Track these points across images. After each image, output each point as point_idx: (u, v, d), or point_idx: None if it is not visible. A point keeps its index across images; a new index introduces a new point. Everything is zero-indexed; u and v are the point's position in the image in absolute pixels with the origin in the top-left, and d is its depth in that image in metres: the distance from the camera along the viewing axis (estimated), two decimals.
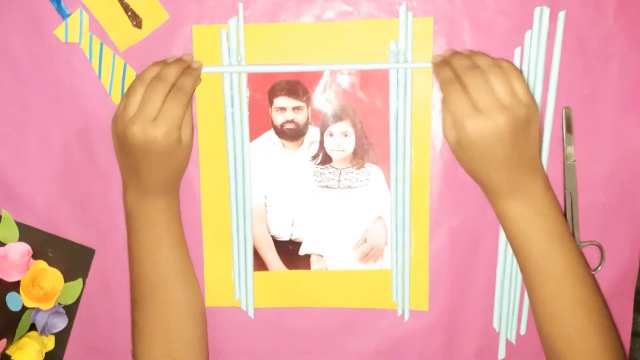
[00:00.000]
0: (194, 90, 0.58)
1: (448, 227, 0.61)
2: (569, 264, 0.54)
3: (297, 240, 0.62)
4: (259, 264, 0.63)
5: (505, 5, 0.58)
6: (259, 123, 0.60)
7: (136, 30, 0.59)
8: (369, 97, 0.59)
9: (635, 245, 0.61)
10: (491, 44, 0.58)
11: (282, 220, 0.62)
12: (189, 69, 0.57)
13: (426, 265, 0.62)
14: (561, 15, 0.57)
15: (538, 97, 0.58)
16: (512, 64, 0.53)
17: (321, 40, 0.59)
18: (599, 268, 0.61)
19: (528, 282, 0.56)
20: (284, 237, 0.62)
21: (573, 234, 0.60)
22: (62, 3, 0.59)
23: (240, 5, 0.58)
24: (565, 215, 0.60)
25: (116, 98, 0.60)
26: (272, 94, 0.60)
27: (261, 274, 0.63)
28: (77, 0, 0.59)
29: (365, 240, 0.62)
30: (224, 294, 0.63)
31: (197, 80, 0.57)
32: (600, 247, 0.61)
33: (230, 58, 0.59)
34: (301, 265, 0.63)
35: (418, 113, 0.59)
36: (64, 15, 0.59)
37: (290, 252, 0.62)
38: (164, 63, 0.56)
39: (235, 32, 0.59)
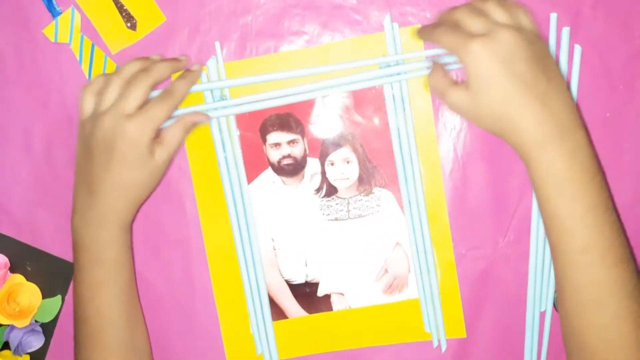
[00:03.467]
0: (184, 98, 0.52)
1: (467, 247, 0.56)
2: (613, 236, 0.46)
3: (314, 281, 0.58)
4: (277, 312, 0.58)
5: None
6: (254, 163, 0.57)
7: (130, 32, 0.56)
8: (365, 118, 0.56)
9: None
10: None
11: (295, 262, 0.58)
12: (186, 71, 0.53)
13: (456, 287, 0.57)
14: (565, 31, 0.54)
15: None
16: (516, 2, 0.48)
17: (307, 67, 0.55)
18: None
19: (563, 258, 0.47)
20: (299, 280, 0.58)
21: None
22: (53, 0, 0.56)
23: (217, 43, 0.56)
24: None
25: None
26: (264, 130, 0.56)
27: (281, 323, 0.58)
28: None
29: (386, 271, 0.57)
30: (245, 349, 0.59)
31: (191, 85, 0.52)
32: None
33: (214, 100, 0.55)
34: (322, 308, 0.58)
35: (421, 126, 0.55)
36: (54, 13, 0.56)
37: (308, 295, 0.58)
38: (149, 60, 0.52)
39: (216, 71, 0.56)
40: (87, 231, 0.51)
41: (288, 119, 0.56)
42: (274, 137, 0.56)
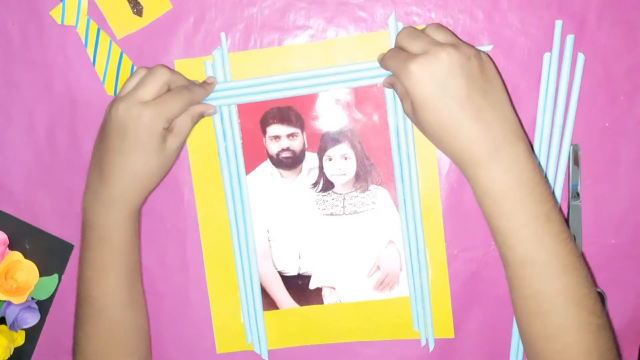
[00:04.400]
0: (198, 101, 0.54)
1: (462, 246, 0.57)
2: (557, 247, 0.45)
3: (306, 274, 0.58)
4: (269, 303, 0.59)
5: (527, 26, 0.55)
6: (253, 154, 0.57)
7: (136, 18, 0.56)
8: (365, 115, 0.56)
9: None
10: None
11: (288, 254, 0.58)
12: (204, 82, 0.55)
13: (447, 288, 0.57)
14: (569, 39, 0.54)
15: (557, 130, 0.55)
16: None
17: (310, 62, 0.56)
18: None
19: (508, 270, 0.47)
20: (291, 272, 0.59)
21: None
22: None
23: (223, 34, 0.56)
24: None
25: (109, 87, 0.57)
26: (264, 122, 0.57)
27: (272, 313, 0.59)
28: None
29: (378, 268, 0.58)
30: (235, 338, 0.60)
31: (207, 94, 0.54)
32: (604, 296, 0.56)
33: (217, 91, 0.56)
34: (313, 300, 0.59)
35: None
36: None
37: (300, 287, 0.59)
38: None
39: (221, 62, 0.56)
40: (97, 211, 0.52)
41: (289, 113, 0.56)
42: (274, 129, 0.57)
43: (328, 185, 0.57)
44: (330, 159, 0.57)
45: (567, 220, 0.55)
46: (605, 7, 0.54)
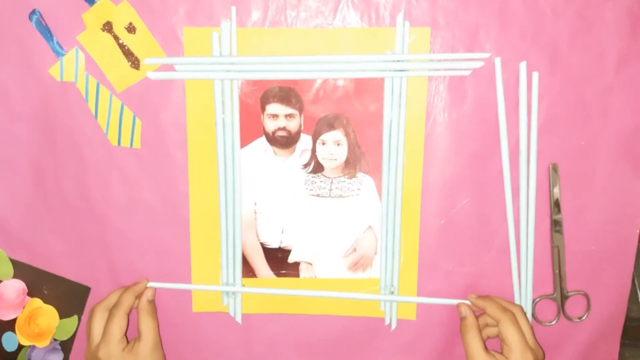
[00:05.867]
0: (130, 306, 0.59)
1: (437, 228, 0.61)
2: None
3: (287, 248, 0.62)
4: (248, 270, 0.62)
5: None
6: (250, 129, 0.59)
7: (133, 71, 0.57)
8: (363, 106, 0.59)
9: (622, 292, 0.62)
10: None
11: (272, 227, 0.61)
12: (133, 285, 0.61)
13: (415, 274, 0.62)
14: (497, 61, 0.57)
15: (533, 149, 0.59)
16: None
17: (316, 47, 0.57)
18: (584, 316, 0.62)
19: None
20: (273, 244, 0.62)
21: (560, 285, 0.61)
22: (57, 42, 0.57)
23: (234, 9, 0.57)
24: (553, 268, 0.61)
25: (113, 138, 0.59)
26: (265, 100, 0.59)
27: (250, 280, 0.62)
28: (73, 39, 0.57)
29: (355, 250, 0.62)
30: (212, 299, 0.63)
31: (135, 294, 0.60)
32: (587, 297, 0.62)
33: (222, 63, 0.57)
34: (290, 273, 0.62)
35: (412, 124, 0.59)
36: (58, 54, 0.57)
37: (280, 260, 0.62)
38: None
39: (228, 36, 0.57)
40: None
41: (289, 93, 0.58)
42: (273, 108, 0.59)
43: (318, 168, 0.60)
44: (323, 143, 0.59)
45: (550, 232, 0.60)
46: (576, 34, 0.57)
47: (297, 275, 0.62)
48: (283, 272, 0.62)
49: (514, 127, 0.59)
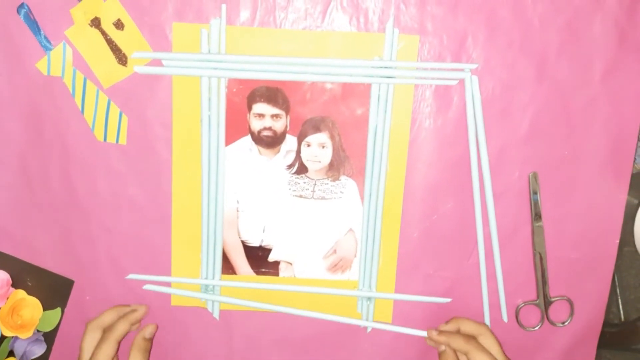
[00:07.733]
0: (123, 334, 0.60)
1: (418, 232, 0.62)
2: None
3: (267, 247, 0.62)
4: (227, 267, 0.63)
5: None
6: (236, 128, 0.59)
7: (121, 67, 0.57)
8: (349, 109, 0.59)
9: (601, 298, 0.63)
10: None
11: (254, 226, 0.62)
12: (130, 312, 0.61)
13: (393, 278, 0.63)
14: (474, 79, 0.58)
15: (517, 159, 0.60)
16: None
17: (304, 49, 0.58)
18: (568, 321, 0.63)
19: None
20: (254, 242, 0.62)
21: (543, 291, 0.62)
22: (45, 36, 0.56)
23: (224, 7, 0.57)
24: (535, 274, 0.62)
25: (99, 134, 0.59)
26: (251, 99, 0.59)
27: (229, 277, 0.63)
28: (61, 34, 0.57)
29: (335, 251, 0.62)
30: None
31: (130, 323, 0.60)
32: (570, 302, 0.63)
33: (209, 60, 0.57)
34: (269, 272, 0.63)
35: (397, 130, 0.59)
36: (46, 48, 0.57)
37: (260, 258, 0.62)
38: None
39: (217, 33, 0.57)
40: None
41: (276, 94, 0.58)
42: (259, 107, 0.59)
43: (302, 169, 0.60)
44: (308, 145, 0.60)
45: (532, 240, 0.61)
46: (563, 44, 0.58)
47: (277, 274, 0.63)
48: (263, 270, 0.63)
49: (498, 135, 0.59)
